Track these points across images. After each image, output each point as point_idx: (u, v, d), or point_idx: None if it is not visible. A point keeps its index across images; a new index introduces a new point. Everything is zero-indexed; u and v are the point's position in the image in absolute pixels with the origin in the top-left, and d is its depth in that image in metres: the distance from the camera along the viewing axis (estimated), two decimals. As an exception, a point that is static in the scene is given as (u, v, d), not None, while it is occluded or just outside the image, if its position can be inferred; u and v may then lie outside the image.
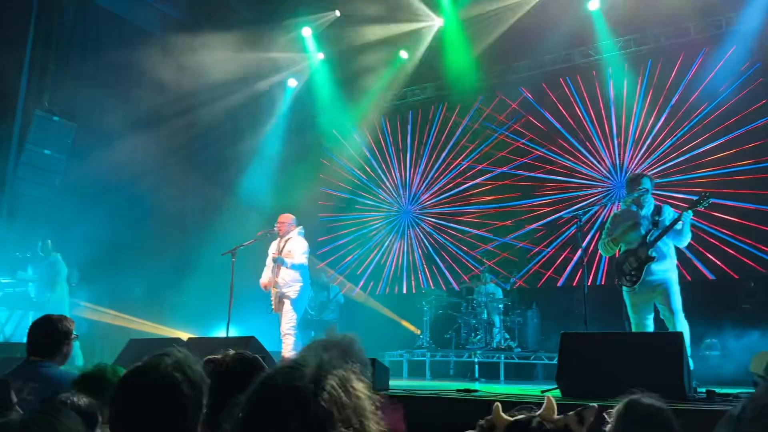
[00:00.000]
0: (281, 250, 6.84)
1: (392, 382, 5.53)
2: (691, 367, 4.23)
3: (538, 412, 1.42)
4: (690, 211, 5.32)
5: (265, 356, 5.31)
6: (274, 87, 12.43)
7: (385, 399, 1.94)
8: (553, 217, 10.02)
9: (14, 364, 3.44)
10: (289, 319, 6.63)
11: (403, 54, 11.49)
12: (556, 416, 1.39)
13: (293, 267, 6.70)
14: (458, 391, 4.70)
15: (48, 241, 8.10)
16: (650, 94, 9.61)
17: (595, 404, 1.48)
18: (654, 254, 5.28)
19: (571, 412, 1.47)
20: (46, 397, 2.16)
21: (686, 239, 5.39)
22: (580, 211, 5.51)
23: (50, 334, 3.20)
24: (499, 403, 1.44)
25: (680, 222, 5.23)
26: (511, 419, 1.41)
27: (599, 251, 5.95)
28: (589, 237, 9.40)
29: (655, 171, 9.12)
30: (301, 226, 7.12)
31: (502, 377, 8.17)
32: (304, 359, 1.14)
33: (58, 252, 8.14)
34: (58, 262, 8.06)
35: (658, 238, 5.28)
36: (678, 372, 3.79)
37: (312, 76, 12.19)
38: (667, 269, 5.34)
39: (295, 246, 6.86)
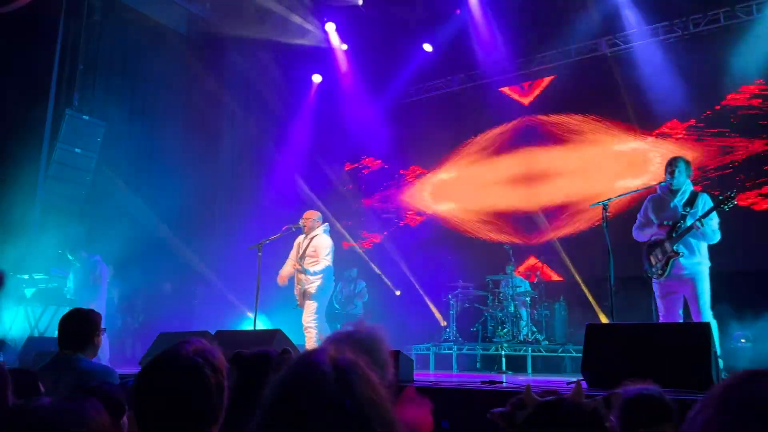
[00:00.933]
0: (306, 249, 6.88)
1: (418, 375, 5.55)
2: (721, 365, 4.15)
3: (568, 395, 1.45)
4: (710, 216, 5.10)
5: (291, 349, 5.40)
6: (299, 81, 12.51)
7: (413, 393, 1.96)
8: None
9: (48, 358, 3.54)
10: (310, 312, 6.70)
11: (427, 47, 11.47)
12: (584, 400, 1.42)
13: (316, 274, 6.78)
14: (483, 382, 4.70)
15: (77, 248, 8.04)
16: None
17: (621, 391, 1.50)
18: (680, 250, 5.12)
19: (598, 397, 1.49)
20: (74, 385, 2.21)
21: (713, 240, 5.17)
22: (606, 200, 5.39)
23: (80, 327, 3.27)
24: (530, 384, 1.48)
25: (698, 226, 5.04)
26: (542, 400, 1.44)
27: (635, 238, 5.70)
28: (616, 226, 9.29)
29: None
30: (326, 224, 7.15)
31: (529, 370, 8.13)
32: (324, 351, 1.16)
33: (97, 253, 8.14)
34: (99, 264, 8.02)
35: (681, 235, 5.12)
36: (706, 363, 3.73)
37: (337, 69, 12.22)
38: (697, 263, 5.17)
39: (320, 246, 6.87)
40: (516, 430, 1.41)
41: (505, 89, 11.28)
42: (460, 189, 11.52)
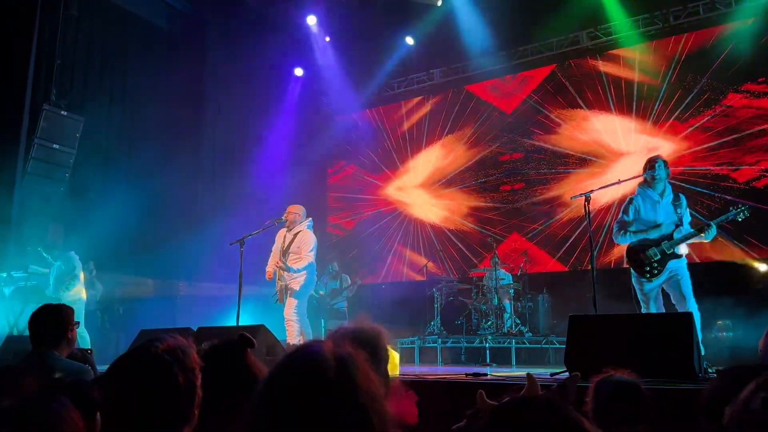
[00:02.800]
0: (289, 244, 6.83)
1: (403, 368, 5.54)
2: (702, 352, 4.17)
3: (521, 392, 1.42)
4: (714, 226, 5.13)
5: (274, 344, 5.35)
6: (281, 75, 12.43)
7: (398, 386, 1.95)
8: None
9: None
10: (291, 306, 6.68)
11: (409, 40, 11.44)
12: (539, 393, 1.39)
13: (299, 271, 6.73)
14: (467, 375, 4.69)
15: (55, 240, 8.06)
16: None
17: (578, 372, 1.48)
18: (681, 252, 5.15)
19: (553, 386, 1.46)
20: (44, 383, 2.15)
21: (710, 238, 5.21)
22: (588, 192, 5.38)
23: (51, 323, 3.19)
24: (482, 391, 1.45)
25: (705, 232, 5.07)
26: (495, 403, 1.40)
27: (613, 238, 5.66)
28: (598, 219, 9.37)
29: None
30: (310, 218, 7.11)
31: (513, 362, 8.16)
32: (324, 344, 1.16)
33: (70, 248, 8.15)
34: (73, 259, 8.05)
35: (687, 238, 5.13)
36: (688, 353, 3.75)
37: (319, 62, 12.12)
38: (682, 258, 5.24)
39: (304, 242, 6.84)
40: None
41: (488, 82, 11.28)
42: (439, 181, 11.53)
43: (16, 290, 7.97)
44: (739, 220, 5.15)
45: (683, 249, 5.21)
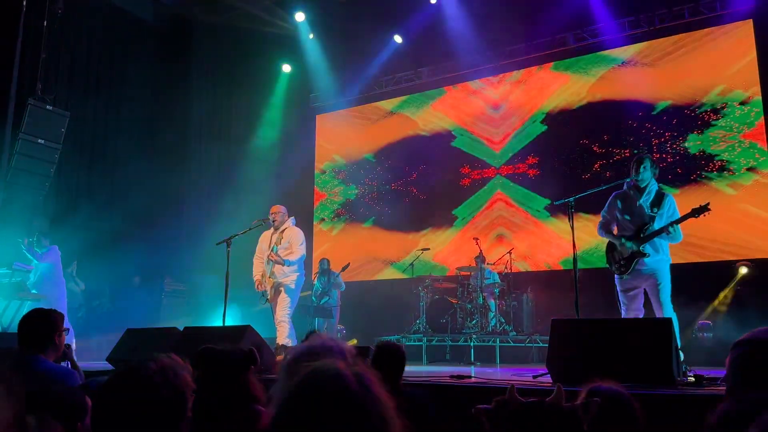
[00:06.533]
0: (278, 242, 6.86)
1: (387, 368, 5.56)
2: (682, 358, 4.24)
3: (549, 398, 1.50)
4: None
5: (261, 344, 5.37)
6: (268, 71, 12.40)
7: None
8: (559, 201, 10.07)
9: (11, 354, 3.46)
10: (284, 306, 6.69)
11: (398, 39, 11.48)
12: (564, 404, 1.48)
13: (293, 263, 6.78)
14: (452, 377, 4.74)
15: (41, 236, 8.08)
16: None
17: (599, 399, 1.56)
18: (647, 250, 5.18)
19: (578, 402, 1.54)
20: (32, 393, 2.17)
21: (677, 241, 5.24)
22: (572, 197, 5.44)
23: (40, 328, 3.20)
24: (514, 384, 1.55)
25: (670, 232, 5.11)
26: (524, 401, 1.53)
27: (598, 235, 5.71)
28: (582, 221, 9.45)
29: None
30: (293, 217, 7.17)
31: (497, 360, 8.24)
32: (338, 363, 1.24)
33: (55, 244, 8.15)
34: (53, 253, 8.07)
35: (650, 237, 5.18)
36: (666, 358, 3.82)
37: (306, 58, 12.11)
38: (659, 259, 5.25)
39: (293, 237, 6.91)
40: (498, 428, 1.49)
41: (475, 82, 11.32)
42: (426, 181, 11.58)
43: (0, 287, 7.94)
44: (697, 217, 5.16)
45: (655, 248, 5.23)
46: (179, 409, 1.56)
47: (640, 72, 9.69)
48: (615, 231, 5.52)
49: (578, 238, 5.48)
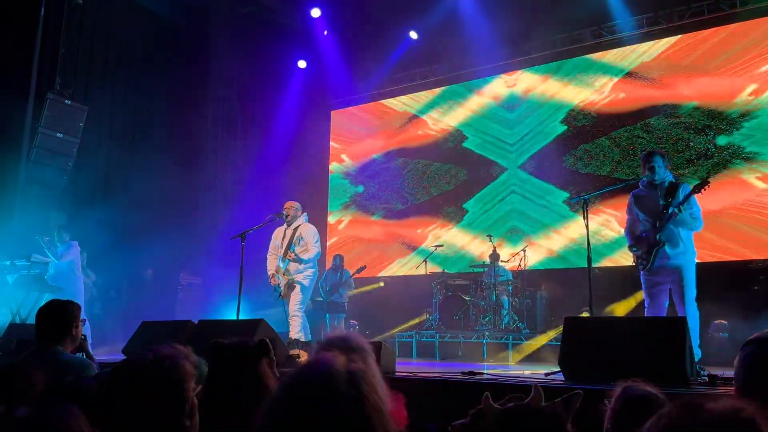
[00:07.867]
0: (291, 239, 6.88)
1: (400, 363, 5.58)
2: (697, 358, 4.20)
3: (526, 400, 1.47)
4: (690, 204, 5.11)
5: (275, 338, 5.41)
6: (284, 66, 12.43)
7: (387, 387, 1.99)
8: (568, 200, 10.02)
9: (29, 345, 3.50)
10: (297, 301, 6.72)
11: (413, 35, 11.44)
12: (543, 404, 1.44)
13: (309, 261, 6.81)
14: (463, 374, 4.75)
15: (62, 229, 8.19)
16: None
17: (581, 391, 1.51)
18: (663, 239, 5.14)
19: (558, 399, 1.51)
20: (51, 384, 2.20)
21: (694, 227, 5.19)
22: (587, 195, 5.42)
23: (58, 319, 3.24)
24: (488, 393, 1.49)
25: (676, 212, 5.07)
26: (501, 408, 1.46)
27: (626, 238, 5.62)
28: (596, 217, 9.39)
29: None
30: (306, 213, 7.18)
31: (510, 358, 8.22)
32: (335, 356, 1.23)
33: (75, 239, 8.22)
34: (75, 248, 8.14)
35: (664, 225, 5.13)
36: (680, 357, 3.80)
37: (322, 54, 12.12)
38: (681, 253, 5.17)
39: (307, 234, 6.92)
40: None
41: (490, 80, 11.27)
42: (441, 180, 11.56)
43: (19, 278, 8.04)
44: (698, 192, 5.12)
45: (676, 241, 5.19)
46: (176, 398, 1.56)
47: (664, 71, 9.51)
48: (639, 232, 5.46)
49: (598, 231, 5.45)
